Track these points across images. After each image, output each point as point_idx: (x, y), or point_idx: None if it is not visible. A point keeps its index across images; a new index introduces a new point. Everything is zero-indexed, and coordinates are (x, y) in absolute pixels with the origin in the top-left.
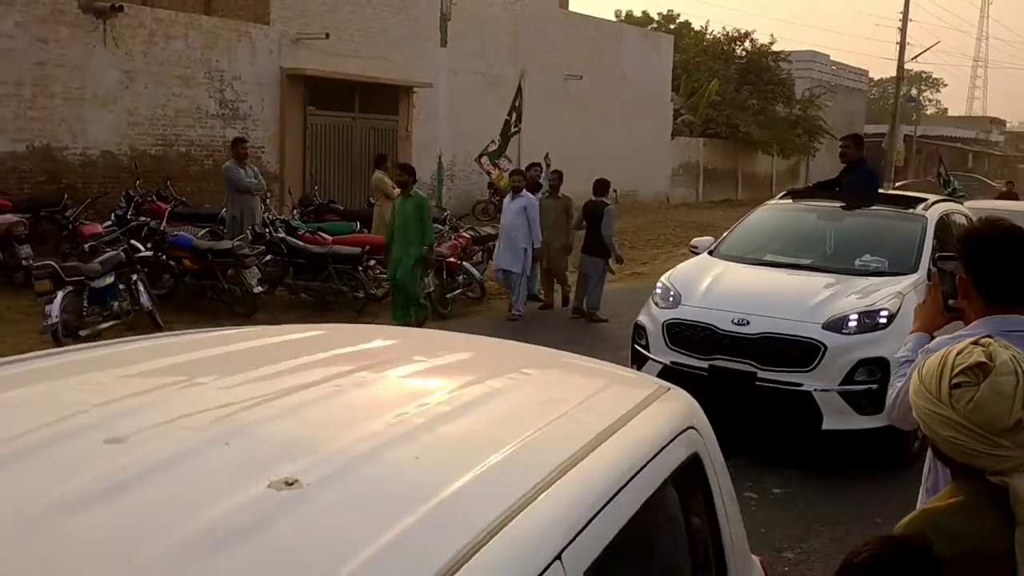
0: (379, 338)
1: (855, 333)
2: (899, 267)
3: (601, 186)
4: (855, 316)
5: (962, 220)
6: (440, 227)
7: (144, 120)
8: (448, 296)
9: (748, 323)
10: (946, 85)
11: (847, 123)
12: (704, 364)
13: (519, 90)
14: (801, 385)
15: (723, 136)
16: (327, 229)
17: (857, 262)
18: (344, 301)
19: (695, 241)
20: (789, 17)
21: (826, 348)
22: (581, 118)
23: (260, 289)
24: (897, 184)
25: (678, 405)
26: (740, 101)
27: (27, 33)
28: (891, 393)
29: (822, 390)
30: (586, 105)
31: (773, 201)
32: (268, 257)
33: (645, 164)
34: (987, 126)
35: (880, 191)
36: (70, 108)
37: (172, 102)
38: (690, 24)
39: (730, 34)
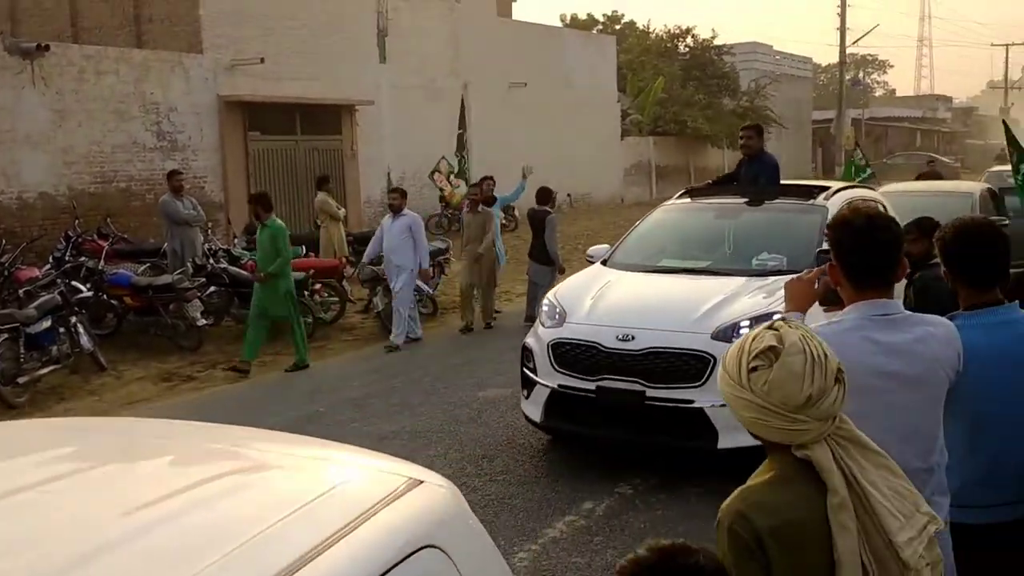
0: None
1: None
2: (798, 264)
3: (544, 194)
4: (746, 322)
5: (879, 205)
6: None
7: (80, 158)
8: None
9: (633, 338)
10: (892, 66)
11: (795, 111)
12: (591, 386)
13: (463, 103)
14: (692, 402)
15: (672, 133)
16: None
17: (754, 261)
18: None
19: (591, 251)
20: (730, 10)
21: (715, 360)
22: (529, 125)
23: (205, 322)
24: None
25: (414, 514)
26: (686, 97)
27: None
28: None
29: (715, 406)
30: (533, 111)
31: (671, 201)
32: (211, 289)
33: (597, 166)
34: (934, 104)
35: (783, 182)
36: (2, 151)
37: (108, 138)
38: (635, 23)
39: (672, 31)
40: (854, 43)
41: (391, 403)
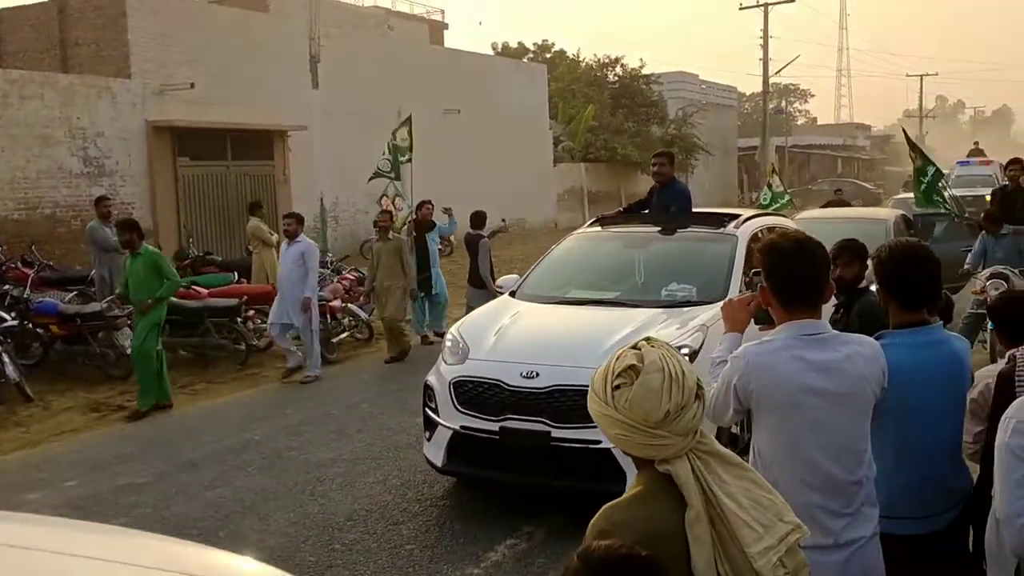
0: None
1: None
2: (708, 294)
3: (477, 218)
4: None
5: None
6: (323, 271)
7: (3, 185)
8: (334, 340)
9: (538, 375)
10: (813, 95)
11: (721, 139)
12: (495, 427)
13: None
14: (599, 442)
15: (603, 160)
16: (202, 282)
17: (664, 292)
18: (225, 355)
19: (500, 281)
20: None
21: None
22: (463, 151)
23: None
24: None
25: None
26: (616, 125)
27: None
28: (709, 393)
29: None
30: (467, 138)
31: (581, 230)
32: None
33: (531, 191)
34: (853, 132)
35: (694, 210)
36: None
37: (33, 163)
38: (565, 52)
39: (601, 60)
40: (776, 73)
41: (327, 430)
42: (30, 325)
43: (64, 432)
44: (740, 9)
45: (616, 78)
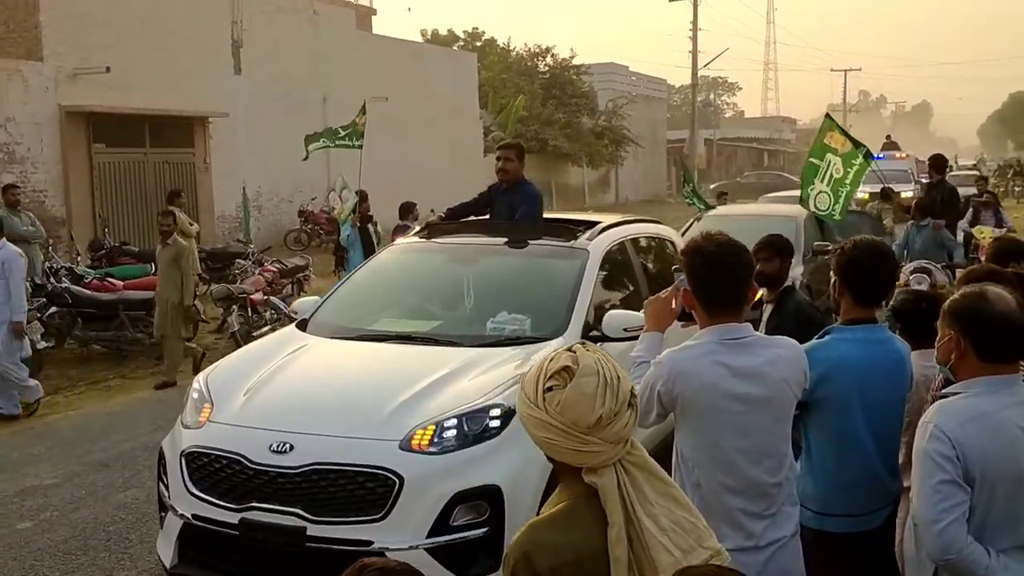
0: None
1: (451, 450)
2: (544, 327)
3: (405, 208)
4: (451, 423)
5: (664, 244)
6: (243, 262)
7: None
8: (255, 334)
9: (292, 448)
10: (741, 89)
11: (650, 130)
12: (235, 518)
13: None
14: (371, 543)
15: (534, 151)
16: (118, 274)
17: (490, 325)
18: (140, 348)
19: (296, 305)
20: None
21: (403, 481)
22: (390, 139)
23: (45, 344)
24: (713, 186)
25: None
26: (547, 115)
27: None
28: None
29: (402, 548)
30: (395, 126)
31: (404, 239)
32: (52, 309)
33: (460, 181)
34: (780, 126)
35: (545, 216)
36: None
37: None
38: (495, 41)
39: (532, 50)
40: (705, 66)
41: None
42: None
43: None
44: (670, 1)
45: (547, 68)
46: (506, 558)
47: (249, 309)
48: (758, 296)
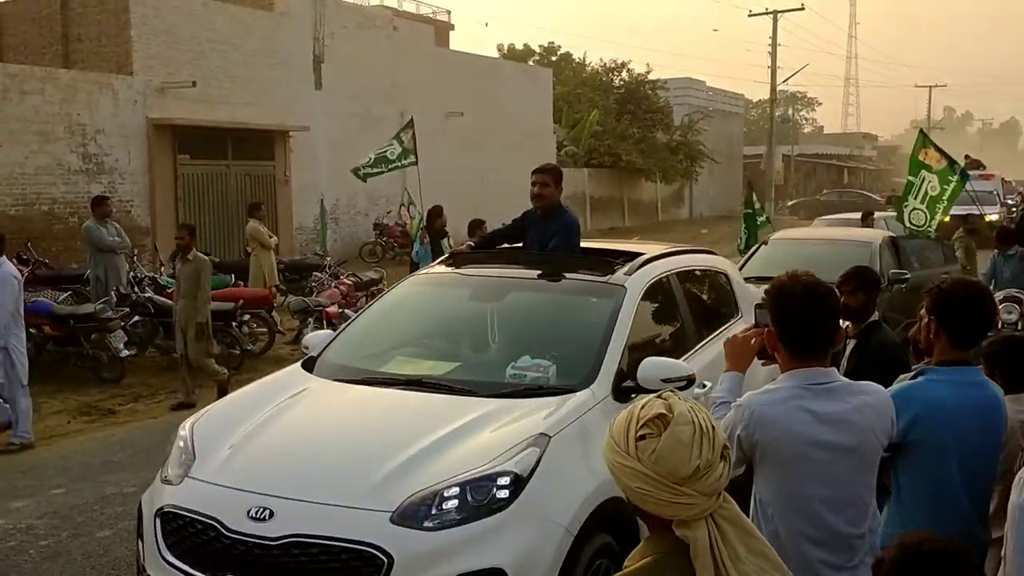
0: None
1: (451, 525)
2: (570, 376)
3: (474, 226)
4: (453, 492)
5: (716, 278)
6: (320, 274)
7: (1, 180)
8: None
9: (271, 515)
10: (820, 104)
11: (727, 146)
12: None
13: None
14: None
15: (607, 165)
16: None
17: (510, 371)
18: (219, 359)
19: (307, 339)
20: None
21: (392, 562)
22: (464, 154)
23: (128, 352)
24: (791, 203)
25: None
26: (621, 130)
27: None
28: None
29: None
30: (469, 141)
31: (428, 270)
32: (135, 318)
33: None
34: (860, 142)
35: (582, 247)
36: None
37: (31, 159)
38: (571, 56)
39: (607, 65)
40: (784, 81)
41: None
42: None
43: (53, 436)
44: (749, 16)
45: (622, 83)
46: None
47: (324, 321)
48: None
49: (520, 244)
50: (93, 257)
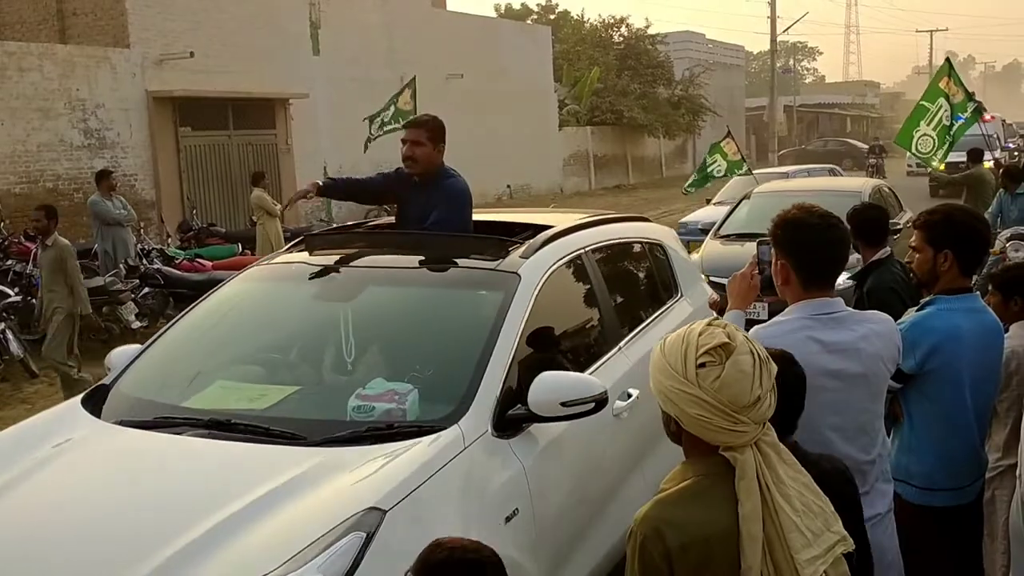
0: None
1: None
2: (435, 406)
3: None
4: None
5: (652, 250)
6: None
7: (3, 158)
8: None
9: None
10: (821, 53)
11: (728, 99)
12: None
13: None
14: None
15: (609, 123)
16: (206, 254)
17: (352, 405)
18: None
19: (110, 357)
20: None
21: None
22: (466, 116)
23: (140, 324)
24: (780, 153)
25: None
26: (622, 87)
27: None
28: None
29: None
30: (470, 103)
31: (271, 261)
32: (145, 290)
33: (535, 156)
34: (863, 90)
35: (474, 219)
36: None
37: (33, 136)
38: (569, 13)
39: (606, 21)
40: (784, 31)
41: None
42: (33, 300)
43: None
44: None
45: (621, 39)
46: (632, 533)
47: None
48: None
49: (387, 211)
50: (100, 231)
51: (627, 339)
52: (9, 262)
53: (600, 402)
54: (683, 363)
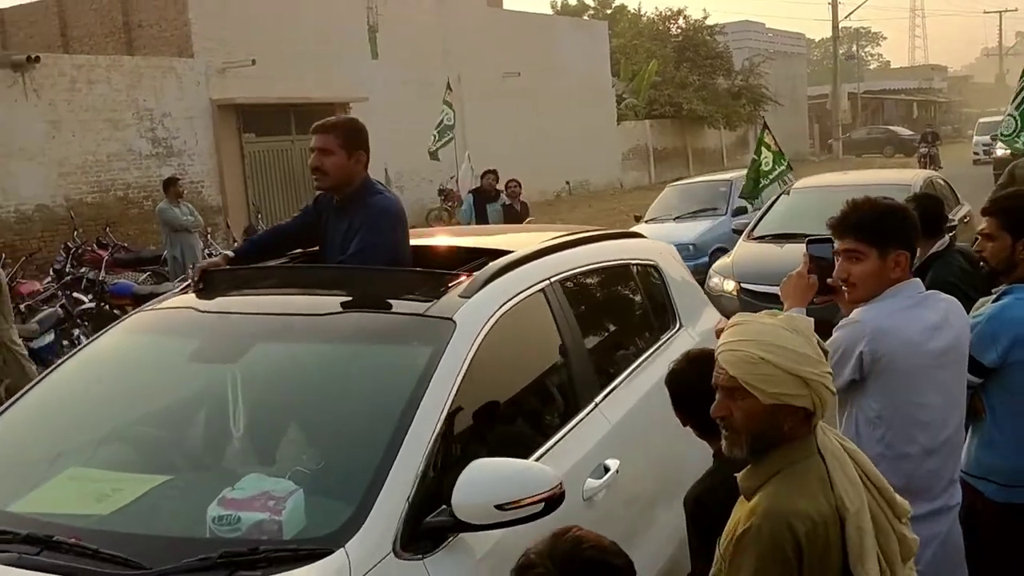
0: None
1: None
2: (323, 516)
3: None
4: None
5: (644, 275)
6: None
7: (76, 169)
8: None
9: None
10: (885, 38)
11: (790, 88)
12: None
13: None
14: None
15: (668, 116)
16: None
17: (213, 513)
18: None
19: None
20: None
21: None
22: (524, 114)
23: None
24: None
25: None
26: (681, 79)
27: None
28: None
29: None
30: (527, 101)
31: (156, 307)
32: None
33: (594, 152)
34: (929, 74)
35: (413, 244)
36: (1, 162)
37: (103, 147)
38: (625, 7)
39: (663, 13)
40: (846, 17)
41: None
42: (107, 307)
43: None
44: None
45: (679, 31)
46: (752, 528)
47: None
48: None
49: (316, 248)
50: (169, 237)
51: (605, 392)
52: (83, 270)
53: (553, 500)
54: (812, 349)
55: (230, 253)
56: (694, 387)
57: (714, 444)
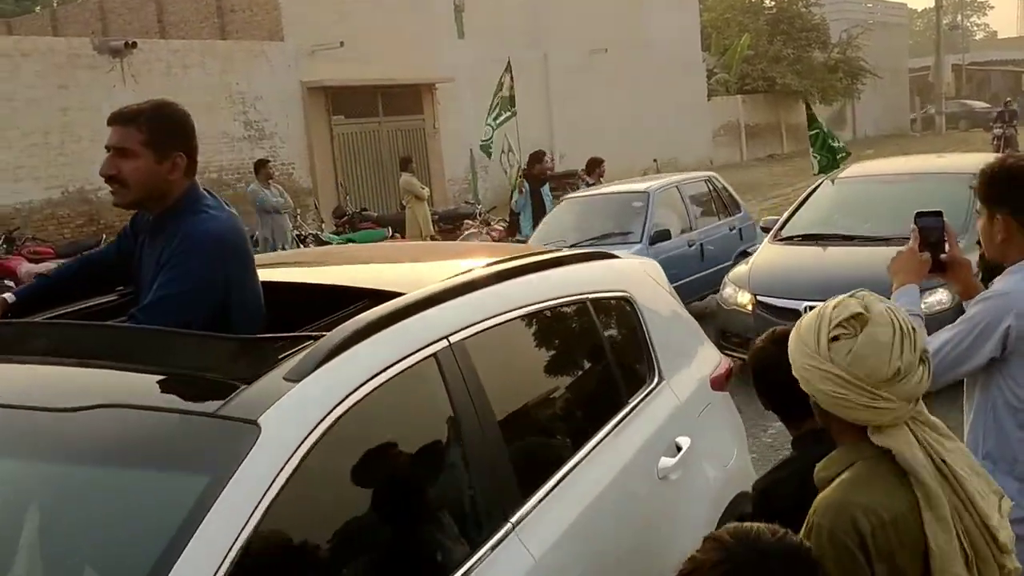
0: None
1: None
2: None
3: (592, 165)
4: None
5: (619, 311)
6: (471, 222)
7: None
8: None
9: None
10: (992, 7)
11: (890, 60)
12: None
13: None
14: None
15: (761, 91)
16: (359, 238)
17: None
18: None
19: None
20: None
21: None
22: (611, 91)
23: None
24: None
25: None
26: (774, 52)
27: (47, 81)
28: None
29: None
30: (615, 78)
31: None
32: None
33: (684, 129)
34: None
35: (265, 281)
36: (98, 149)
37: (197, 129)
38: None
39: None
40: None
41: None
42: None
43: None
44: None
45: (773, 3)
46: (818, 525)
47: None
48: None
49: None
50: (260, 218)
51: (527, 510)
52: None
53: None
54: (816, 337)
55: (9, 297)
56: (779, 369)
57: (794, 431)
